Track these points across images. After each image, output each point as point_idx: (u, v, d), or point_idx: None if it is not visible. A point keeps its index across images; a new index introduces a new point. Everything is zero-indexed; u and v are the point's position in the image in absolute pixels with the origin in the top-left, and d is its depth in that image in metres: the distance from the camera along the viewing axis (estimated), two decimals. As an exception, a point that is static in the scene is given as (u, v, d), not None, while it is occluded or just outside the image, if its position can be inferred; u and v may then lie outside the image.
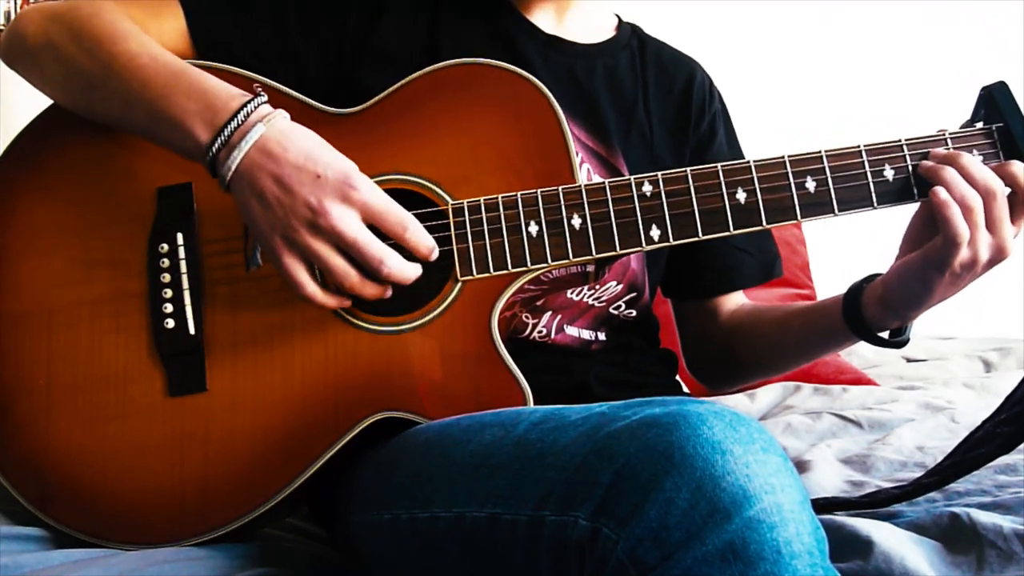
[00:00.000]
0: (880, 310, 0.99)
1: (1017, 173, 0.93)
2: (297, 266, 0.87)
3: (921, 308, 0.97)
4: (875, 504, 0.96)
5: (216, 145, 0.87)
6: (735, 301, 1.22)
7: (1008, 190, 0.93)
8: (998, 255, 0.92)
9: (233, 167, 0.87)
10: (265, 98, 0.90)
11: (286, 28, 1.05)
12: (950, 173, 0.92)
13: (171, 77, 0.92)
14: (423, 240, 0.89)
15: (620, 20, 1.20)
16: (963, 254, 0.91)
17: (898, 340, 1.01)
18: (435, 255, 0.90)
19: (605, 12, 1.19)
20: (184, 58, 1.02)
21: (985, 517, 0.86)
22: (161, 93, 0.91)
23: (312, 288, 0.88)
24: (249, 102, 0.88)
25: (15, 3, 2.44)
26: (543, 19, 1.12)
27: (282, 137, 0.87)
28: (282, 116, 0.89)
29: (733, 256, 1.18)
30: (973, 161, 0.93)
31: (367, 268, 0.87)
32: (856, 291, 1.01)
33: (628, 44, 1.17)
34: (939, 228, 0.92)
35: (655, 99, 1.15)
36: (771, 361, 1.18)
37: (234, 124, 0.87)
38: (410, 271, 0.89)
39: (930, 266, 0.93)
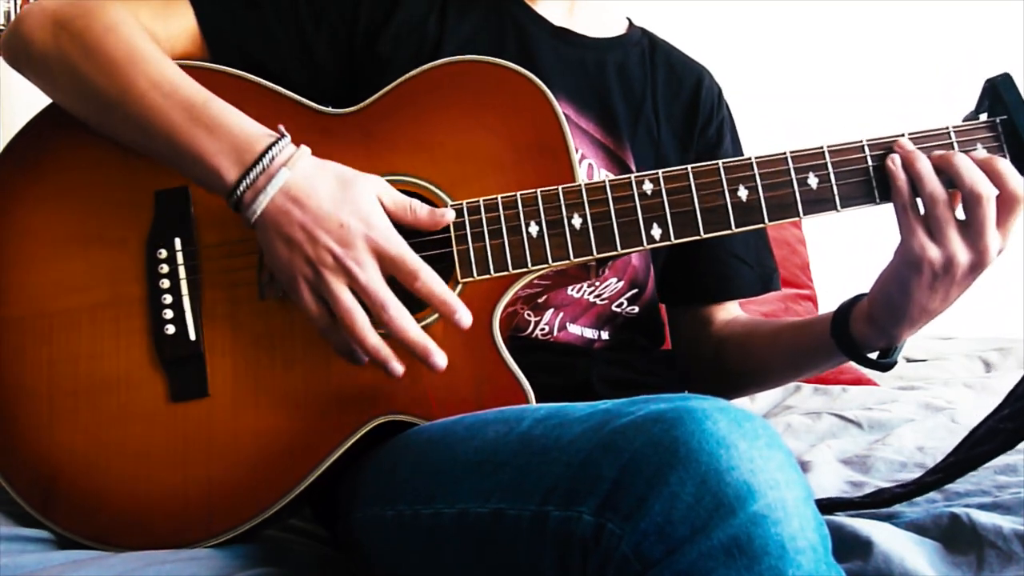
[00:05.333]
0: (867, 327, 0.97)
1: (1004, 173, 0.89)
2: (321, 308, 0.89)
3: (904, 321, 0.93)
4: (878, 504, 0.95)
5: (242, 187, 0.88)
6: (730, 312, 1.22)
7: (996, 192, 0.89)
8: (980, 260, 0.89)
9: (259, 211, 0.88)
10: (288, 138, 0.90)
11: (298, 20, 1.05)
12: (924, 166, 0.90)
13: (192, 110, 0.91)
14: (438, 291, 0.88)
15: (631, 23, 1.20)
16: (932, 249, 0.89)
17: (885, 362, 0.98)
18: (464, 320, 0.88)
19: (615, 12, 1.19)
20: (194, 58, 1.03)
21: (985, 517, 0.85)
22: (182, 127, 0.91)
23: (324, 327, 0.90)
24: (274, 144, 0.89)
25: (15, 3, 2.44)
26: (551, 11, 1.12)
27: (306, 182, 0.88)
28: (305, 157, 0.90)
29: (732, 265, 1.18)
30: (966, 161, 0.89)
31: (372, 312, 0.88)
32: (846, 308, 1.00)
33: (639, 43, 1.17)
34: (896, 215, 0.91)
35: (663, 99, 1.15)
36: (759, 374, 1.16)
37: (259, 168, 0.88)
38: (413, 331, 0.88)
39: (904, 264, 0.91)
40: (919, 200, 0.91)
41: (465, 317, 0.88)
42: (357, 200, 0.88)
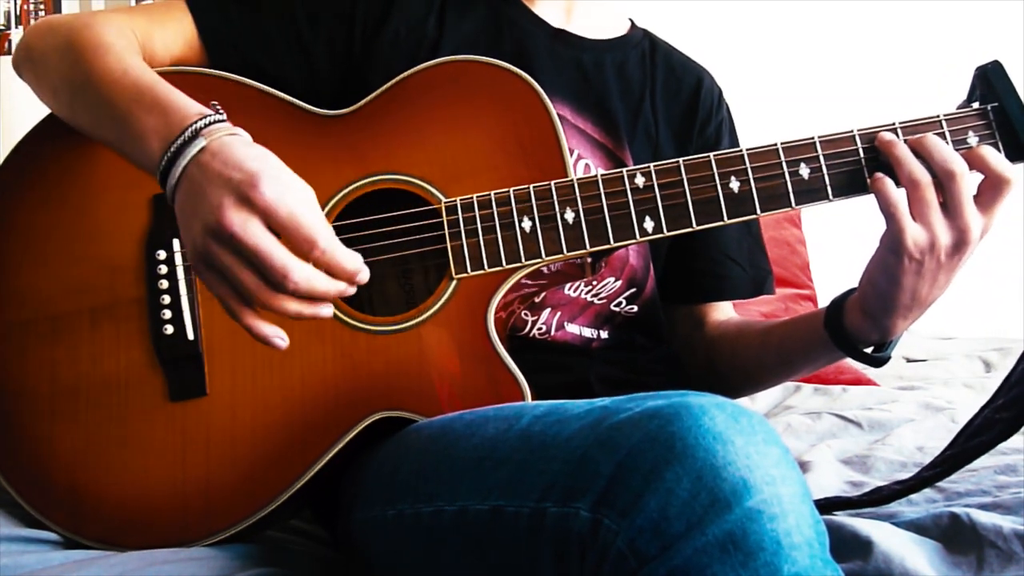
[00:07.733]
0: (860, 318, 0.96)
1: (987, 156, 0.89)
2: (219, 285, 0.79)
3: (896, 310, 0.93)
4: (877, 502, 0.95)
5: (164, 161, 0.83)
6: (723, 312, 1.22)
7: (975, 173, 0.90)
8: (961, 238, 0.88)
9: (172, 182, 0.83)
10: (221, 116, 0.84)
11: (295, 22, 1.06)
12: (901, 150, 0.90)
13: (137, 92, 0.89)
14: (340, 261, 0.77)
15: (633, 24, 1.21)
16: (914, 232, 0.88)
17: (879, 356, 0.98)
18: (363, 277, 0.79)
19: (616, 13, 1.20)
20: (192, 62, 1.04)
21: (985, 517, 0.85)
22: (127, 108, 0.89)
23: (235, 308, 0.79)
24: (201, 119, 0.83)
25: (15, 3, 2.44)
26: (550, 13, 1.12)
27: (219, 149, 0.80)
28: (229, 132, 0.83)
29: (725, 265, 1.18)
30: (936, 141, 0.90)
31: (272, 282, 0.77)
32: (839, 301, 1.00)
33: (639, 44, 1.18)
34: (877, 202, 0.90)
35: (662, 98, 1.15)
36: (751, 373, 1.16)
37: (181, 140, 0.83)
38: (323, 285, 0.78)
39: (887, 251, 0.91)
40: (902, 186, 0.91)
41: (364, 274, 0.79)
42: (258, 161, 0.78)
